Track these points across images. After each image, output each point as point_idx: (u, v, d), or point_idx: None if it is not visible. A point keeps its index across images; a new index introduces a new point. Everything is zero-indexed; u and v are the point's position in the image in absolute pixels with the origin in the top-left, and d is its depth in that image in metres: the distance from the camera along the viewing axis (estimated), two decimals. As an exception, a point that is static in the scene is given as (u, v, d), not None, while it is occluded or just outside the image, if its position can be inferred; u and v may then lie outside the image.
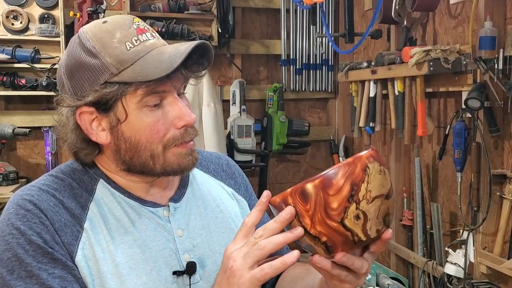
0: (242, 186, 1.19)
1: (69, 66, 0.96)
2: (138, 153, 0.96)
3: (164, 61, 0.90)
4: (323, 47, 3.91)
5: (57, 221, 0.92)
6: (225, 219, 1.10)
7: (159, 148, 0.95)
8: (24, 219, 0.90)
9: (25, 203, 0.92)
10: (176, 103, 0.95)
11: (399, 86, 2.64)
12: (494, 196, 2.24)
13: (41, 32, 3.23)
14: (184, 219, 1.03)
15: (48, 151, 3.42)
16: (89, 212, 0.96)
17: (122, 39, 0.92)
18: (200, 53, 0.95)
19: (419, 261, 2.76)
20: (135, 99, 0.92)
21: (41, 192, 0.94)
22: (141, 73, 0.90)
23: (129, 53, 0.91)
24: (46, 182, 0.97)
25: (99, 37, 0.93)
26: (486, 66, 2.12)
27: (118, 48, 0.91)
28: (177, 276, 0.97)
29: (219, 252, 1.02)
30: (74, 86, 0.95)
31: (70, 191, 0.97)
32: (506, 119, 2.24)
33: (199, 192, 1.10)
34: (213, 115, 3.32)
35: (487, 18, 2.17)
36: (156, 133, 0.94)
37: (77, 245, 0.92)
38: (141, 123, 0.94)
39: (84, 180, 1.00)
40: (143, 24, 0.97)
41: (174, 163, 0.97)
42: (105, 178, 1.01)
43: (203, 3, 3.62)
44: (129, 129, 0.94)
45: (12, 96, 3.29)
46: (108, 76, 0.91)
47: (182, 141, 0.97)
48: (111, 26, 0.94)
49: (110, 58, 0.91)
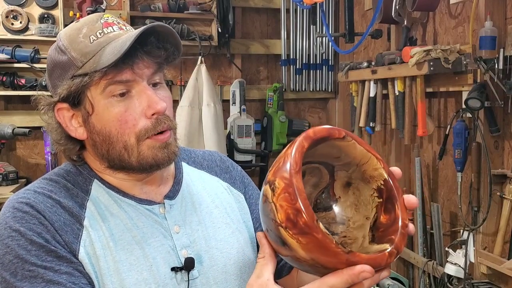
0: (237, 179, 1.19)
1: (48, 66, 1.00)
2: (112, 145, 0.96)
3: (117, 47, 0.91)
4: (323, 47, 3.90)
5: (56, 221, 0.91)
6: (221, 214, 1.10)
7: (131, 139, 0.95)
8: (23, 221, 0.89)
9: (22, 206, 0.91)
10: (144, 92, 0.95)
11: (399, 86, 2.64)
12: (495, 196, 2.24)
13: (41, 32, 3.23)
14: (180, 216, 1.04)
15: (48, 151, 3.41)
16: (87, 210, 0.96)
17: (87, 34, 0.95)
18: (162, 37, 0.95)
19: (419, 261, 2.76)
20: (99, 90, 0.93)
21: (36, 195, 0.94)
22: (99, 62, 0.91)
23: (92, 45, 0.93)
24: (40, 185, 0.98)
25: (68, 34, 0.96)
26: (486, 66, 2.12)
27: (82, 43, 0.94)
28: (175, 272, 0.97)
29: (216, 247, 1.04)
30: (51, 84, 0.99)
31: (66, 192, 0.97)
32: (507, 119, 2.24)
33: (194, 188, 1.10)
34: (213, 115, 3.32)
35: (487, 18, 2.17)
36: (125, 123, 0.94)
37: (79, 242, 0.92)
38: (109, 114, 0.94)
39: (78, 181, 1.00)
40: (113, 18, 0.98)
41: (149, 157, 0.96)
42: (99, 178, 1.01)
43: (203, 3, 3.62)
44: (98, 121, 0.95)
45: (11, 96, 3.29)
46: (74, 70, 0.93)
47: (154, 132, 0.95)
48: (80, 24, 0.97)
49: (75, 52, 0.94)
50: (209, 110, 3.31)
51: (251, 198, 1.18)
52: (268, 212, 0.74)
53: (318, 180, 0.86)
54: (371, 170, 0.81)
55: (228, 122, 3.66)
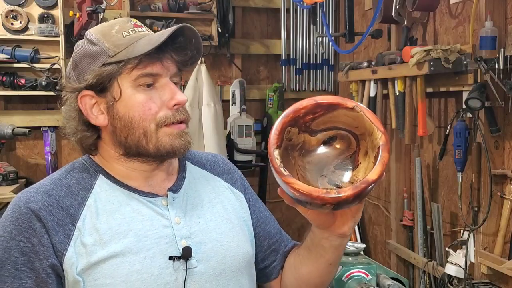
0: (238, 180, 1.25)
1: (74, 58, 1.06)
2: (132, 130, 1.02)
3: (152, 39, 1.00)
4: (323, 47, 3.90)
5: (50, 220, 0.98)
6: (222, 210, 1.14)
7: (151, 126, 1.02)
8: (16, 223, 0.98)
9: (20, 206, 1.00)
10: (168, 85, 1.04)
11: (399, 86, 2.63)
12: (495, 196, 2.23)
13: (41, 32, 3.22)
14: (181, 208, 1.08)
15: (48, 151, 3.41)
16: (85, 208, 1.02)
17: (120, 30, 1.03)
18: (187, 38, 1.04)
19: (419, 262, 2.75)
20: (130, 78, 1.01)
21: (37, 193, 1.02)
22: (133, 51, 1.00)
23: (125, 39, 1.02)
24: (44, 183, 1.05)
25: (100, 30, 1.05)
26: (486, 66, 2.11)
27: (115, 36, 1.03)
28: (173, 261, 1.02)
29: (217, 239, 1.09)
30: (78, 73, 1.05)
31: (67, 190, 1.04)
32: (507, 119, 2.23)
33: (197, 185, 1.15)
34: (213, 115, 3.31)
35: (487, 17, 2.16)
36: (148, 109, 1.02)
37: (69, 243, 0.98)
38: (135, 101, 1.02)
39: (83, 177, 1.06)
40: (140, 23, 1.07)
41: (167, 143, 1.03)
42: (105, 173, 1.07)
43: (203, 2, 3.62)
44: (123, 106, 1.02)
45: (11, 96, 3.29)
46: (105, 58, 1.01)
47: (174, 120, 1.03)
48: (112, 23, 1.06)
49: (108, 43, 1.02)
50: (209, 110, 3.31)
51: (250, 200, 1.24)
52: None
53: (347, 146, 0.99)
54: (376, 141, 0.93)
55: (228, 122, 3.66)
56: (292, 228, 3.88)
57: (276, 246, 1.23)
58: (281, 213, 3.73)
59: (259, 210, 1.24)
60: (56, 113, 3.39)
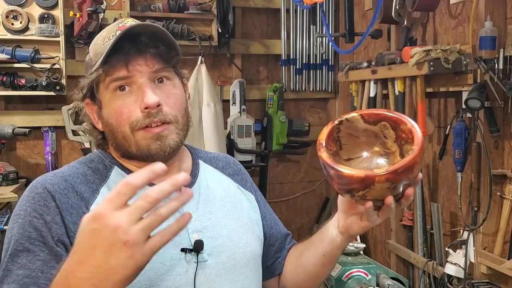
0: (248, 181, 1.29)
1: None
2: (115, 135, 1.06)
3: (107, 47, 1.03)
4: (323, 47, 3.90)
5: (64, 202, 1.01)
6: (233, 208, 1.17)
7: (127, 130, 1.04)
8: (32, 201, 1.01)
9: (37, 186, 1.03)
10: (141, 87, 1.04)
11: (399, 86, 2.63)
12: (495, 196, 2.24)
13: (41, 32, 3.22)
14: (193, 204, 1.10)
15: (48, 151, 3.41)
16: (99, 196, 1.04)
17: (104, 36, 1.06)
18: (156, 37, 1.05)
19: (419, 261, 2.76)
20: (105, 85, 1.05)
21: (55, 177, 1.05)
22: (98, 61, 1.04)
23: (103, 46, 1.04)
24: (63, 170, 1.10)
25: (95, 38, 1.10)
26: (486, 66, 2.12)
27: (97, 44, 1.07)
28: (185, 253, 1.03)
29: (227, 235, 1.11)
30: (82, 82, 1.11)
31: (83, 178, 1.07)
32: (507, 119, 2.23)
33: (209, 183, 1.17)
34: (213, 115, 3.32)
35: (487, 18, 2.17)
36: (120, 115, 1.04)
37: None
38: (110, 107, 1.05)
39: (99, 168, 1.10)
40: (132, 22, 1.07)
41: (144, 147, 1.05)
42: (120, 165, 1.10)
43: (203, 3, 3.62)
44: (106, 113, 1.07)
45: (12, 96, 3.29)
46: (91, 68, 1.07)
47: (145, 124, 1.03)
48: (106, 28, 1.09)
49: (91, 52, 1.08)
50: (209, 110, 3.31)
51: (260, 202, 1.27)
52: None
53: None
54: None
55: (228, 122, 3.65)
56: (292, 228, 3.88)
57: (283, 245, 1.28)
58: (281, 213, 3.73)
59: (269, 211, 1.29)
60: (56, 113, 3.39)
